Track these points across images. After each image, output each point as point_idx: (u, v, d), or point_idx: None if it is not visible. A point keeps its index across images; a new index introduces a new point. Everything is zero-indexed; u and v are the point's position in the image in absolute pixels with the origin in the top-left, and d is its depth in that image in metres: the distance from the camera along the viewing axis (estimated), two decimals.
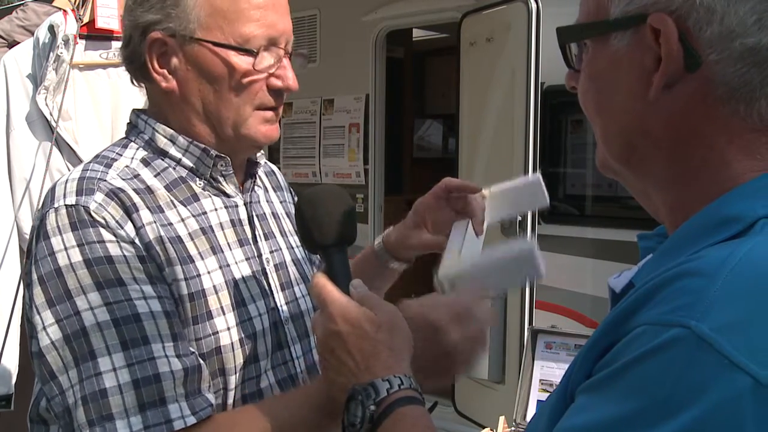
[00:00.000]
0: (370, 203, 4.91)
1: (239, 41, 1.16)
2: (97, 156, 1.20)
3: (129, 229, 1.09)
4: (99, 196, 1.09)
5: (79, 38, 2.64)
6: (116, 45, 2.70)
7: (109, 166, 1.16)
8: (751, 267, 0.62)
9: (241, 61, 1.16)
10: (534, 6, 3.52)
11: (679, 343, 0.59)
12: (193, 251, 1.15)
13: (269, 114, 1.21)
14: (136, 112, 1.26)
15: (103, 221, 1.08)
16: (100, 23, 2.65)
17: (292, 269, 1.32)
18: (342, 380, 0.94)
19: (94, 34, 2.68)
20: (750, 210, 0.66)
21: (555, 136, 3.82)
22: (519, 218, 3.59)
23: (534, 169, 3.53)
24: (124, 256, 1.07)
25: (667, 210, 0.76)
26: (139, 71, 1.21)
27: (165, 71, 1.18)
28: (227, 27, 1.16)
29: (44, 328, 1.06)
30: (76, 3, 2.65)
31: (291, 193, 1.48)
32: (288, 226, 1.39)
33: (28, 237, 1.27)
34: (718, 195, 0.69)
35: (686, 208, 0.72)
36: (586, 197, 3.91)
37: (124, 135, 1.27)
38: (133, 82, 1.27)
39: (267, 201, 1.36)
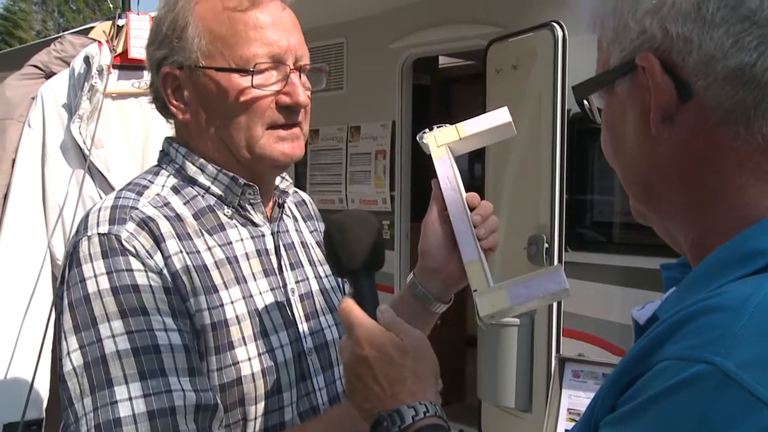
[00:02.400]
0: (396, 230, 4.92)
1: (240, 63, 1.17)
2: (129, 183, 1.22)
3: (158, 258, 1.10)
4: (131, 226, 1.11)
5: (113, 68, 2.70)
6: (148, 75, 2.76)
7: (140, 194, 1.18)
8: None
9: (242, 82, 1.17)
10: (560, 33, 3.53)
11: (703, 379, 0.59)
12: (217, 281, 1.15)
13: (283, 132, 1.20)
14: (168, 140, 1.28)
15: (133, 250, 1.09)
16: (133, 53, 2.71)
17: (318, 299, 1.31)
18: (368, 406, 0.95)
19: (127, 64, 2.74)
20: None
21: (581, 162, 3.81)
22: (546, 245, 3.57)
23: (561, 197, 3.52)
24: (150, 285, 1.08)
25: (689, 245, 0.76)
26: (162, 107, 1.26)
27: (180, 104, 1.21)
28: (227, 51, 1.17)
29: (68, 353, 1.07)
30: (111, 34, 2.72)
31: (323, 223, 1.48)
32: (318, 255, 1.38)
33: (60, 263, 1.29)
34: (737, 223, 0.70)
35: (707, 241, 0.72)
36: (613, 224, 3.88)
37: (155, 162, 1.29)
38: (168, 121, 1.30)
39: (296, 230, 1.36)
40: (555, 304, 3.48)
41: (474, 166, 6.60)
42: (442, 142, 1.25)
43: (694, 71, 0.69)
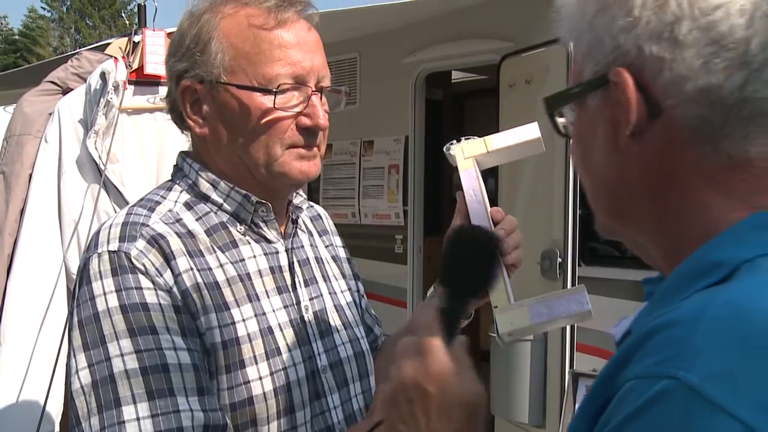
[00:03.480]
0: (409, 244, 4.91)
1: (262, 82, 1.16)
2: (142, 199, 1.22)
3: (168, 276, 1.10)
4: (141, 243, 1.10)
5: (128, 84, 2.73)
6: (163, 90, 2.78)
7: (152, 209, 1.17)
8: (731, 311, 0.62)
9: (264, 101, 1.16)
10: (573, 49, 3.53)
11: (669, 394, 0.59)
12: (229, 298, 1.14)
13: (303, 151, 1.20)
14: (182, 155, 1.28)
15: (142, 268, 1.08)
16: (149, 69, 2.74)
17: (332, 315, 1.30)
18: (402, 429, 0.92)
19: (142, 80, 2.77)
20: (734, 254, 0.67)
21: None
22: (560, 260, 3.56)
23: (574, 212, 3.51)
24: (160, 304, 1.08)
25: (661, 258, 0.78)
26: (178, 120, 1.25)
27: (198, 118, 1.20)
28: (250, 69, 1.16)
29: (77, 371, 1.06)
30: (127, 50, 2.75)
31: (339, 237, 1.46)
32: (333, 270, 1.37)
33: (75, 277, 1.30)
34: (701, 238, 0.71)
35: (677, 255, 0.73)
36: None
37: (170, 177, 1.28)
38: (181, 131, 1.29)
39: (311, 245, 1.35)
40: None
41: (487, 180, 6.60)
42: (470, 155, 1.24)
43: (664, 89, 0.70)
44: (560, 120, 0.84)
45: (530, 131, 1.22)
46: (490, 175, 5.86)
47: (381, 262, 5.07)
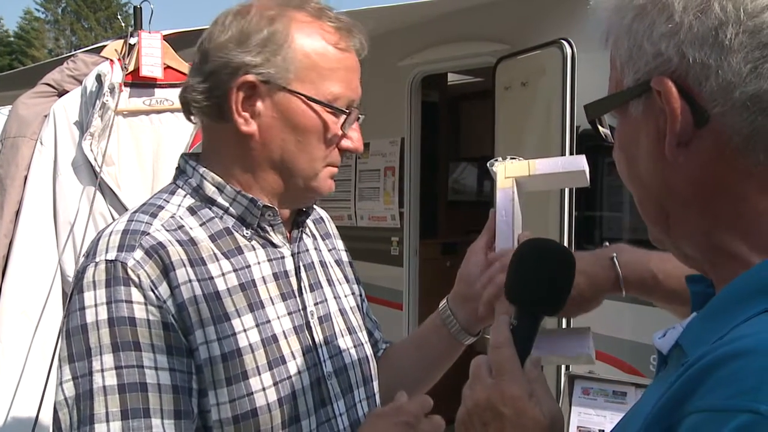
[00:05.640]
0: (405, 246, 4.92)
1: (329, 99, 1.18)
2: (144, 203, 1.20)
3: (163, 289, 1.08)
4: (138, 253, 1.08)
5: (124, 86, 2.72)
6: (159, 92, 2.78)
7: (154, 215, 1.15)
8: None
9: (329, 119, 1.18)
10: (569, 51, 3.54)
11: (751, 429, 0.56)
12: (230, 308, 1.12)
13: (335, 170, 1.24)
14: (184, 158, 1.25)
15: (136, 279, 1.06)
16: (145, 71, 2.74)
17: (337, 320, 1.29)
18: None
19: (138, 82, 2.77)
20: None
21: (591, 179, 3.81)
22: None
23: (570, 215, 3.51)
24: (148, 320, 1.06)
25: (710, 266, 0.75)
26: (213, 109, 1.18)
27: (247, 114, 1.17)
28: (319, 83, 1.17)
29: (61, 383, 1.05)
30: (123, 53, 2.75)
31: (341, 240, 1.46)
32: (337, 274, 1.36)
33: (71, 280, 1.29)
34: (758, 249, 0.68)
35: (728, 264, 0.71)
36: (622, 241, 3.87)
37: (166, 179, 1.28)
38: (190, 119, 1.25)
39: (315, 249, 1.34)
40: (564, 320, 3.46)
41: (483, 182, 6.61)
42: (511, 174, 1.24)
43: (711, 97, 0.68)
44: (602, 128, 0.82)
45: (576, 162, 1.22)
46: (487, 176, 5.85)
47: (377, 264, 5.07)
